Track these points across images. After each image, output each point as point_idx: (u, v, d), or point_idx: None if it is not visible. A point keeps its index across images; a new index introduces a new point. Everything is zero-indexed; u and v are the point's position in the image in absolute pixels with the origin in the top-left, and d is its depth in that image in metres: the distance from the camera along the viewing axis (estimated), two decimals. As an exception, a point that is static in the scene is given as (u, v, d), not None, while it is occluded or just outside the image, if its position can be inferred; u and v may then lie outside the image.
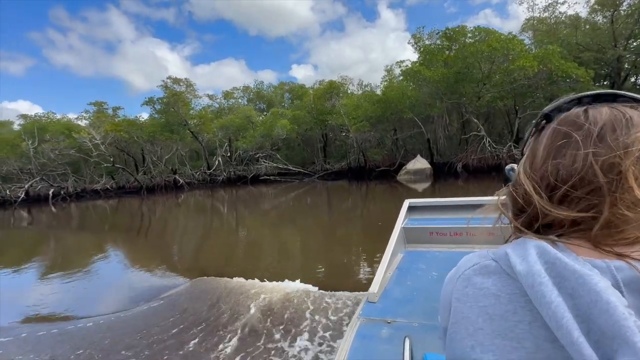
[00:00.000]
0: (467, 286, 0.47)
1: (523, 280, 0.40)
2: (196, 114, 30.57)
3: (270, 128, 29.63)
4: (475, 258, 0.49)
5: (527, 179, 0.47)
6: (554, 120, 0.49)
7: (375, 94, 24.41)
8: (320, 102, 29.55)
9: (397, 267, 2.38)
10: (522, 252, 0.43)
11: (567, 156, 0.44)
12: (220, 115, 34.81)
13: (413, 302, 1.89)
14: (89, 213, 20.06)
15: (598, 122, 0.44)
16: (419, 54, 21.28)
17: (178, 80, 28.61)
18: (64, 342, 3.86)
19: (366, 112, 23.76)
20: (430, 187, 18.03)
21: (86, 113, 30.26)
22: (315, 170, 31.77)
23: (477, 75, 18.54)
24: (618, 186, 0.40)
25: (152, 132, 28.39)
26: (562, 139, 0.46)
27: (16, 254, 9.65)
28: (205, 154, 33.31)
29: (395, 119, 24.20)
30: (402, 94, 21.40)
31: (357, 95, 29.90)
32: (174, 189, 30.29)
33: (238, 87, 41.54)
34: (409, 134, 26.54)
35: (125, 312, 4.67)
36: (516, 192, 0.49)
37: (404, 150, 27.23)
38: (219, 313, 4.07)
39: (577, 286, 0.36)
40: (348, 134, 26.50)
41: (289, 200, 17.66)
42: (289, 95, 41.33)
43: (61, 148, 27.04)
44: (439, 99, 21.17)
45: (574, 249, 0.42)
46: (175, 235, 11.08)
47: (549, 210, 0.44)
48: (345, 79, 33.93)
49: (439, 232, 2.74)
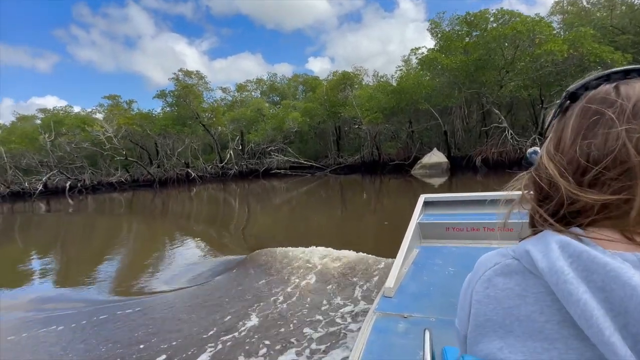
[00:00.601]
0: (488, 287, 0.45)
1: (547, 278, 0.39)
2: (208, 107, 30.27)
3: (281, 121, 29.04)
4: (495, 257, 0.47)
5: (552, 162, 0.44)
6: (580, 99, 0.46)
7: (389, 84, 23.24)
8: (333, 93, 28.67)
9: (412, 263, 2.35)
10: (543, 248, 0.41)
11: (599, 135, 0.41)
12: (232, 109, 34.50)
13: (430, 297, 1.87)
14: (115, 204, 20.16)
15: (631, 97, 0.41)
16: (437, 41, 20.00)
17: (189, 73, 28.36)
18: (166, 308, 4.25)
19: (379, 104, 22.73)
20: (447, 182, 17.06)
21: (100, 107, 30.49)
22: (327, 164, 31.09)
23: (499, 62, 17.17)
24: None
25: (164, 126, 28.32)
26: (592, 117, 0.42)
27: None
28: (217, 147, 33.15)
29: (410, 110, 23.07)
30: (417, 83, 20.21)
31: (370, 86, 28.81)
32: (187, 182, 30.38)
33: (251, 80, 41.15)
34: (425, 127, 25.35)
35: (212, 280, 5.12)
36: (539, 177, 0.46)
37: (420, 144, 26.09)
38: (289, 272, 4.71)
39: (608, 279, 0.35)
40: (360, 127, 25.57)
41: (300, 195, 17.07)
42: (302, 88, 40.58)
43: (76, 141, 27.35)
44: (458, 88, 19.89)
45: (600, 242, 0.39)
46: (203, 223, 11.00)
47: (576, 195, 0.41)
48: (359, 70, 32.85)
49: (455, 227, 2.69)
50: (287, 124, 28.78)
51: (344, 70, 30.59)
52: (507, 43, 16.08)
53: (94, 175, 31.86)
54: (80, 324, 3.92)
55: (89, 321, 3.99)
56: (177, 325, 3.68)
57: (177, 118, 29.00)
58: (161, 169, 31.83)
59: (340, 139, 33.36)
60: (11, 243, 10.48)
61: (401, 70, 22.33)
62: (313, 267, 4.73)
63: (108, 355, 3.22)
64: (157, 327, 3.67)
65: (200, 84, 29.74)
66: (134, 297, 4.85)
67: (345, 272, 4.42)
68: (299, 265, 4.84)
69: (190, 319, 3.81)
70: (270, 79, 41.99)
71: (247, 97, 36.82)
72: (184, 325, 3.65)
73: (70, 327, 3.88)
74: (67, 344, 3.50)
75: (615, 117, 0.40)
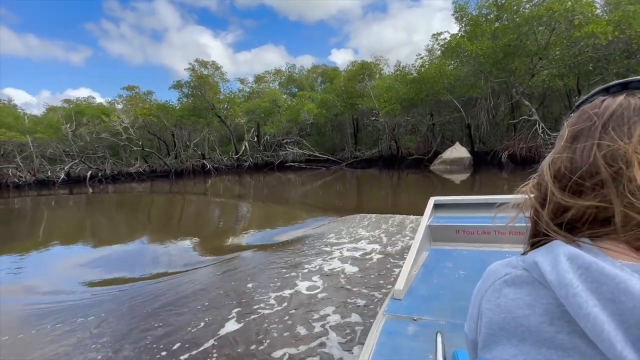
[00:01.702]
0: (499, 297, 0.46)
1: (556, 291, 0.39)
2: (224, 97, 29.93)
3: (296, 112, 28.28)
4: (506, 268, 0.48)
5: (550, 169, 0.47)
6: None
7: (409, 73, 21.80)
8: (351, 84, 27.55)
9: (422, 265, 2.34)
10: (552, 260, 0.41)
11: (576, 149, 0.44)
12: (250, 100, 34.09)
13: (440, 300, 1.84)
14: (128, 195, 20.28)
15: (607, 111, 0.44)
16: (462, 26, 18.38)
17: (205, 63, 28.04)
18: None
19: (398, 94, 21.44)
20: (470, 178, 15.80)
21: (120, 97, 30.83)
22: (344, 157, 30.18)
23: (531, 48, 15.49)
24: (623, 175, 0.40)
25: (180, 116, 28.25)
26: (574, 130, 0.46)
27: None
28: (233, 138, 32.92)
29: (431, 101, 21.64)
30: (439, 72, 18.75)
31: (389, 76, 27.44)
32: (202, 174, 30.42)
33: (270, 71, 40.54)
34: (447, 119, 23.85)
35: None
36: (540, 184, 0.49)
37: (441, 137, 24.63)
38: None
39: (617, 291, 0.35)
40: (378, 119, 24.39)
41: (315, 190, 16.31)
42: (322, 79, 39.57)
43: (96, 131, 27.80)
44: (484, 77, 18.32)
45: (609, 253, 0.40)
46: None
47: (563, 200, 0.43)
48: (379, 60, 31.47)
49: (465, 230, 2.64)
50: (302, 115, 27.97)
51: (362, 60, 29.37)
52: (541, 25, 14.38)
53: (115, 166, 32.56)
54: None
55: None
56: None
57: (192, 109, 28.87)
58: (177, 160, 32.01)
59: (358, 131, 32.29)
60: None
61: (422, 59, 20.79)
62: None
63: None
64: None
65: (216, 75, 29.40)
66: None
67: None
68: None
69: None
70: (289, 69, 41.24)
71: (265, 88, 36.23)
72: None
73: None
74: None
75: (589, 131, 0.44)
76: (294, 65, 42.09)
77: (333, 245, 5.68)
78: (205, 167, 30.71)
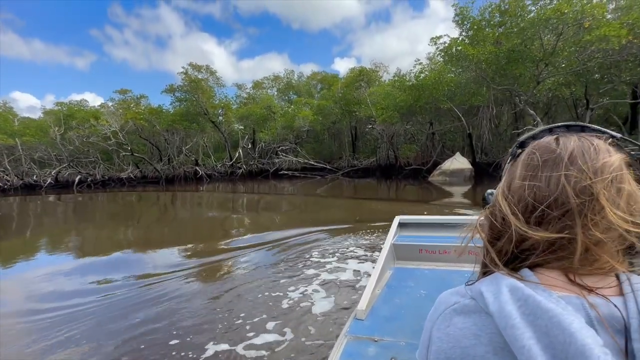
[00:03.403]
0: (449, 326, 0.47)
1: (497, 322, 0.41)
2: (218, 103, 29.09)
3: (292, 119, 27.37)
4: (455, 296, 0.49)
5: (505, 200, 0.49)
6: (528, 147, 0.53)
7: (406, 80, 20.83)
8: (348, 91, 26.65)
9: (386, 284, 2.32)
10: (495, 290, 0.43)
11: (543, 178, 0.46)
12: (247, 106, 33.27)
13: (400, 320, 1.85)
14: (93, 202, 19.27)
15: (568, 148, 0.47)
16: (462, 30, 17.42)
17: (199, 67, 27.25)
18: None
19: (395, 101, 20.45)
20: (470, 191, 14.70)
21: (112, 101, 30.06)
22: (341, 166, 29.17)
23: (537, 53, 14.52)
24: (589, 208, 0.42)
25: (171, 121, 27.39)
26: (537, 162, 0.48)
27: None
28: (227, 145, 32.02)
29: (431, 110, 20.65)
30: (438, 78, 17.77)
31: (386, 83, 26.57)
32: (194, 181, 29.51)
33: (269, 77, 39.81)
34: (447, 128, 22.83)
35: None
36: (494, 216, 0.50)
37: (441, 147, 23.60)
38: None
39: (551, 325, 0.37)
40: (374, 127, 23.42)
41: (308, 203, 15.23)
42: (321, 86, 38.79)
43: (85, 135, 26.97)
44: (486, 85, 17.32)
45: (548, 282, 0.43)
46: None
47: (525, 232, 0.44)
48: (378, 66, 30.65)
49: (427, 249, 2.67)
50: (298, 122, 27.05)
51: (361, 66, 28.55)
52: (548, 29, 13.38)
53: (108, 171, 31.72)
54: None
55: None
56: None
57: (185, 114, 28.02)
58: (169, 166, 31.12)
59: (356, 140, 31.33)
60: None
61: (421, 64, 19.84)
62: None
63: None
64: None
65: (211, 79, 28.61)
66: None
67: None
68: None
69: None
70: (287, 76, 40.50)
71: (262, 94, 35.45)
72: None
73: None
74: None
75: (554, 163, 0.46)
76: (292, 71, 41.32)
77: (315, 262, 4.95)
78: (197, 173, 29.81)
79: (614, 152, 0.47)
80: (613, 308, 0.39)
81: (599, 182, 0.43)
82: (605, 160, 0.45)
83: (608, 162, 0.45)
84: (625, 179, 0.45)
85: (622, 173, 0.45)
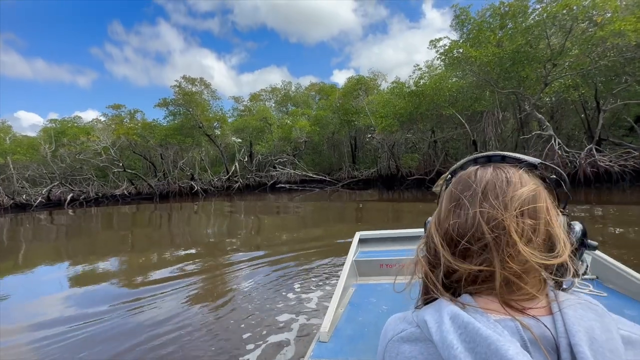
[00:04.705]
0: (398, 354, 0.48)
1: (441, 352, 0.42)
2: (213, 116, 28.38)
3: (288, 130, 26.55)
4: (403, 323, 0.51)
5: (437, 232, 0.50)
6: (455, 177, 0.55)
7: (405, 85, 19.98)
8: (347, 100, 25.89)
9: (349, 302, 2.22)
10: (438, 318, 0.45)
11: (462, 215, 0.48)
12: (242, 118, 32.59)
13: (364, 339, 1.77)
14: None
15: (482, 181, 0.49)
16: (462, 33, 16.64)
17: (192, 80, 26.65)
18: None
19: (395, 109, 19.58)
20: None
21: (104, 116, 29.42)
22: (341, 177, 28.19)
23: (543, 53, 13.65)
24: (505, 242, 0.44)
25: (164, 136, 26.63)
26: (455, 198, 0.50)
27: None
28: (224, 158, 31.19)
29: (433, 116, 19.76)
30: (439, 84, 16.91)
31: (384, 91, 25.80)
32: (190, 196, 28.61)
33: (266, 89, 39.28)
34: (450, 135, 21.90)
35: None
36: (428, 245, 0.52)
37: (444, 155, 22.60)
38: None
39: (489, 352, 0.38)
40: (374, 136, 22.52)
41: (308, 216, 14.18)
42: (319, 97, 38.19)
43: (76, 152, 26.22)
44: (489, 88, 16.44)
45: (485, 306, 0.44)
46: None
47: (452, 264, 0.47)
48: (376, 74, 29.98)
49: (388, 264, 2.67)
50: (295, 133, 26.22)
51: (359, 75, 27.87)
52: (555, 26, 12.52)
53: (103, 188, 30.90)
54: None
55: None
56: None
57: (179, 128, 27.29)
58: (164, 182, 30.25)
59: (356, 150, 30.44)
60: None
61: (420, 70, 19.02)
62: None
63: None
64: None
65: (205, 92, 27.98)
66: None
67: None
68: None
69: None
70: (284, 87, 39.97)
71: (258, 106, 34.83)
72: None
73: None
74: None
75: (470, 199, 0.48)
76: (290, 82, 40.79)
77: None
78: (193, 188, 28.92)
79: (527, 181, 0.48)
80: (544, 328, 0.41)
81: (508, 217, 0.44)
82: (515, 192, 0.45)
83: (517, 194, 0.45)
84: (539, 210, 0.45)
85: (535, 206, 0.45)
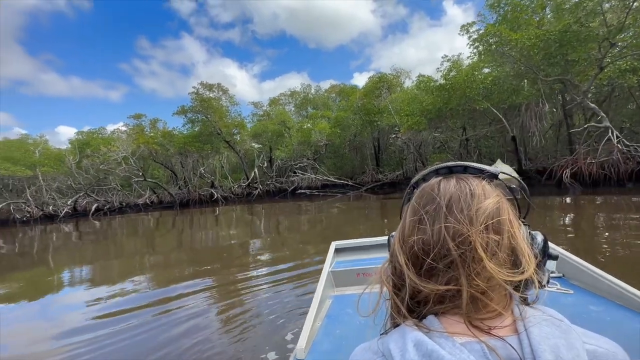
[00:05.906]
0: None
1: None
2: (231, 122, 27.84)
3: (308, 134, 25.45)
4: (368, 353, 0.49)
5: (401, 249, 0.48)
6: (418, 189, 0.53)
7: (433, 79, 18.31)
8: (368, 100, 24.50)
9: (326, 315, 2.13)
10: (402, 346, 0.43)
11: (427, 230, 0.46)
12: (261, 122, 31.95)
13: (341, 353, 1.68)
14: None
15: (446, 195, 0.47)
16: (498, 16, 14.83)
17: (210, 86, 26.20)
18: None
19: (422, 105, 17.98)
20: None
21: (125, 126, 29.62)
22: (364, 181, 26.75)
23: (596, 33, 11.74)
24: (470, 258, 0.42)
25: (183, 143, 26.31)
26: (420, 210, 0.48)
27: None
28: (243, 164, 30.58)
29: (464, 112, 18.00)
30: (471, 75, 15.20)
31: (408, 88, 24.15)
32: (210, 204, 28.20)
33: (285, 93, 38.56)
34: (483, 133, 19.97)
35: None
36: (393, 265, 0.49)
37: (477, 155, 20.68)
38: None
39: None
40: (398, 136, 20.96)
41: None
42: (339, 99, 36.99)
43: (99, 163, 26.43)
44: (530, 77, 14.56)
45: (451, 329, 0.43)
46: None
47: (417, 285, 0.45)
48: (399, 71, 28.37)
49: (364, 272, 2.59)
50: (315, 136, 25.09)
51: (381, 73, 26.40)
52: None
53: (127, 197, 31.20)
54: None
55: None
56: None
57: (197, 135, 26.93)
58: (185, 190, 30.03)
59: (379, 152, 28.90)
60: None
61: (449, 61, 17.29)
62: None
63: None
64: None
65: (223, 98, 27.49)
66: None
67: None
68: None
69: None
70: (304, 90, 39.08)
71: (277, 110, 34.08)
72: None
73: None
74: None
75: (434, 214, 0.46)
76: (309, 85, 39.85)
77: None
78: (213, 196, 28.48)
79: (490, 192, 0.46)
80: (510, 349, 0.39)
81: (474, 232, 0.42)
82: (479, 205, 0.44)
83: (482, 207, 0.44)
84: (504, 223, 0.44)
85: (499, 219, 0.44)
